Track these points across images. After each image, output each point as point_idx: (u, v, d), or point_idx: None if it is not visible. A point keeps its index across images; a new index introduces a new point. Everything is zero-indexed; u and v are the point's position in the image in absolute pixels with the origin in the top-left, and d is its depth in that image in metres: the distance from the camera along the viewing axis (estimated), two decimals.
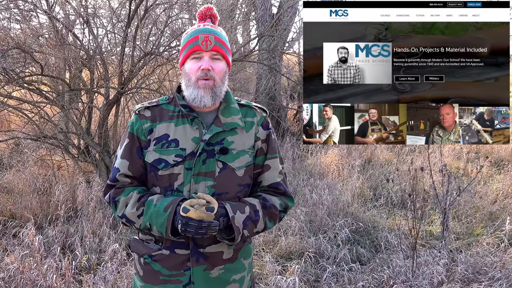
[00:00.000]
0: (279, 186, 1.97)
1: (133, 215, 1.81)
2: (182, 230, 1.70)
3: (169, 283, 1.87)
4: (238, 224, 1.78)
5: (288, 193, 1.99)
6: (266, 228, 1.92)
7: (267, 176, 1.96)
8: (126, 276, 3.77)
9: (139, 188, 1.88)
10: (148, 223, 1.78)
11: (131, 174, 1.88)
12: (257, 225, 1.85)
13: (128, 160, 1.88)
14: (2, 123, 8.22)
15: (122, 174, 1.88)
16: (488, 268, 4.07)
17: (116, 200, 1.86)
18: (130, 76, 5.82)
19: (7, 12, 6.28)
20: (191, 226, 1.68)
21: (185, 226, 1.69)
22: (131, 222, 1.83)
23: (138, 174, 1.89)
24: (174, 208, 1.74)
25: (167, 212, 1.74)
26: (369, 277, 3.99)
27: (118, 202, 1.85)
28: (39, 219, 4.95)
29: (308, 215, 5.24)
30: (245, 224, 1.81)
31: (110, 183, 1.90)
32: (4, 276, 3.69)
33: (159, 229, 1.76)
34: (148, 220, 1.77)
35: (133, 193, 1.84)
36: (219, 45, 1.86)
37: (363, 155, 7.93)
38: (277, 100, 9.88)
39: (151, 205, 1.78)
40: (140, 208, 1.80)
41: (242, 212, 1.81)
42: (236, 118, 1.91)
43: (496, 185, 6.43)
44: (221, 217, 1.76)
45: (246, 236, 1.84)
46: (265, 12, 9.52)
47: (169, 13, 6.63)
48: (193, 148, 1.83)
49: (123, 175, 1.88)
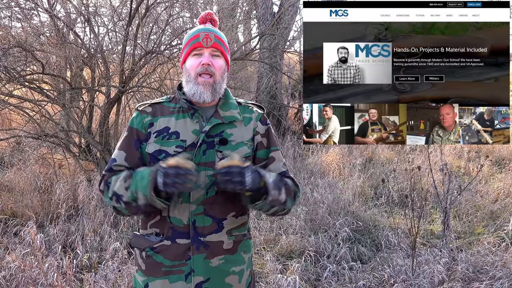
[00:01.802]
0: (287, 174, 2.00)
1: (121, 188, 1.80)
2: (162, 184, 1.69)
3: (171, 274, 1.88)
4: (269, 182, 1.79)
5: (295, 180, 2.02)
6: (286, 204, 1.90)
7: (273, 167, 1.99)
8: (127, 274, 3.78)
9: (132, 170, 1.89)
10: (134, 191, 1.76)
11: (127, 164, 1.90)
12: (280, 193, 1.85)
13: (125, 151, 1.91)
14: (3, 122, 8.23)
15: (118, 164, 1.90)
16: (489, 267, 4.07)
17: (108, 182, 1.87)
18: (131, 75, 5.83)
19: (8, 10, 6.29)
20: (170, 175, 1.67)
21: (165, 178, 1.68)
22: (119, 198, 1.81)
23: (134, 165, 1.90)
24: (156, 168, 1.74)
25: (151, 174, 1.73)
26: (369, 276, 3.99)
27: (110, 183, 1.86)
28: (40, 218, 4.96)
29: (309, 214, 5.24)
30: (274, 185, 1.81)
31: (105, 173, 1.92)
32: (5, 274, 3.69)
33: (144, 193, 1.73)
34: (134, 187, 1.76)
35: (124, 171, 1.86)
36: (219, 43, 1.93)
37: (364, 154, 7.93)
38: (278, 98, 9.87)
39: (138, 173, 1.79)
40: (128, 180, 1.80)
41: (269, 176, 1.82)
42: (235, 112, 1.97)
43: (497, 184, 6.42)
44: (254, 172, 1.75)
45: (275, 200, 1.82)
46: (266, 10, 9.52)
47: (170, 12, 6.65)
48: (193, 139, 1.87)
49: (118, 165, 1.90)
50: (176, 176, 1.68)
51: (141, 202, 1.77)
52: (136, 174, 1.80)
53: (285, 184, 1.91)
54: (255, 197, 1.80)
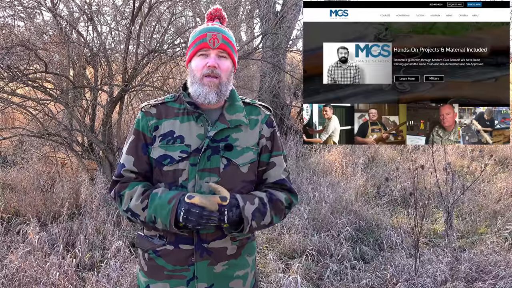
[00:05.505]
0: (284, 183, 1.99)
1: (138, 208, 1.81)
2: (184, 218, 1.71)
3: (173, 278, 1.88)
4: (248, 214, 1.80)
5: (293, 189, 2.01)
6: (272, 223, 1.93)
7: (272, 173, 1.98)
8: (130, 273, 3.78)
9: (144, 182, 1.90)
10: (153, 215, 1.78)
11: (136, 170, 1.90)
12: (264, 218, 1.87)
13: (133, 156, 1.91)
14: (6, 121, 8.24)
15: (127, 169, 1.90)
16: (492, 267, 4.06)
17: (121, 195, 1.88)
18: (134, 74, 5.84)
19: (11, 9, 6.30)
20: (193, 213, 1.69)
21: (187, 214, 1.70)
22: (136, 215, 1.83)
23: (143, 170, 1.90)
24: (178, 199, 1.75)
25: (172, 204, 1.75)
26: (372, 275, 3.99)
27: (123, 196, 1.87)
28: (42, 217, 4.97)
29: (311, 213, 5.24)
30: (254, 215, 1.82)
31: (115, 179, 1.92)
32: (7, 273, 3.70)
33: (163, 221, 1.76)
34: (153, 212, 1.78)
35: (138, 187, 1.86)
36: (226, 44, 1.89)
37: (367, 153, 7.92)
38: (280, 98, 9.87)
39: (156, 198, 1.79)
40: (145, 201, 1.81)
41: (251, 203, 1.83)
42: (241, 115, 1.93)
43: (500, 183, 6.40)
44: (233, 207, 1.77)
45: (253, 228, 1.85)
46: (269, 9, 9.50)
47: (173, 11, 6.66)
48: (198, 144, 1.85)
49: (128, 171, 1.90)
50: (200, 217, 1.70)
51: (159, 226, 1.80)
52: (153, 197, 1.80)
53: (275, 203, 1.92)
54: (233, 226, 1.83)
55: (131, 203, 1.83)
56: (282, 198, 1.95)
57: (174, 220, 1.75)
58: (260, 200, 1.87)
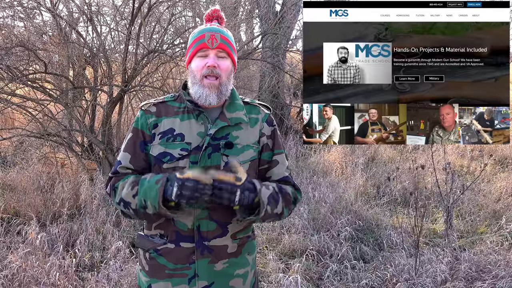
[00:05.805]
0: (288, 180, 2.00)
1: (129, 196, 1.80)
2: (177, 195, 1.67)
3: (174, 277, 1.88)
4: (264, 198, 1.79)
5: (296, 186, 2.02)
6: (283, 214, 1.91)
7: (276, 171, 1.98)
8: (130, 274, 3.78)
9: (138, 174, 1.89)
10: (142, 199, 1.75)
11: (132, 167, 1.90)
12: (277, 206, 1.86)
13: (130, 153, 1.91)
14: (6, 121, 8.23)
15: (123, 166, 1.90)
16: (492, 267, 4.06)
17: (115, 187, 1.87)
18: (133, 74, 5.84)
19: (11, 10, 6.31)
20: (187, 187, 1.66)
21: (181, 188, 1.67)
22: (127, 204, 1.81)
23: (139, 167, 1.90)
24: (165, 177, 1.73)
25: (159, 184, 1.72)
26: (372, 275, 3.99)
27: (117, 188, 1.86)
28: (42, 217, 4.97)
29: (311, 213, 5.24)
30: (269, 200, 1.81)
31: (111, 175, 1.92)
32: (7, 273, 3.70)
33: (152, 203, 1.73)
34: (143, 196, 1.75)
35: (131, 177, 1.85)
36: (225, 43, 1.89)
37: (367, 153, 7.92)
38: (280, 98, 9.86)
39: (145, 182, 1.78)
40: (135, 187, 1.79)
41: (267, 188, 1.83)
42: (241, 113, 1.94)
43: (500, 183, 6.40)
44: (247, 190, 1.74)
45: (267, 214, 1.82)
46: (269, 9, 9.50)
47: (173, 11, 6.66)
48: (198, 142, 1.85)
49: (124, 168, 1.90)
50: (195, 190, 1.67)
51: (150, 211, 1.77)
52: (142, 182, 1.79)
53: (284, 195, 1.91)
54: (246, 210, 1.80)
55: (123, 192, 1.82)
56: (289, 191, 1.96)
57: (163, 199, 1.71)
58: (273, 188, 1.87)
